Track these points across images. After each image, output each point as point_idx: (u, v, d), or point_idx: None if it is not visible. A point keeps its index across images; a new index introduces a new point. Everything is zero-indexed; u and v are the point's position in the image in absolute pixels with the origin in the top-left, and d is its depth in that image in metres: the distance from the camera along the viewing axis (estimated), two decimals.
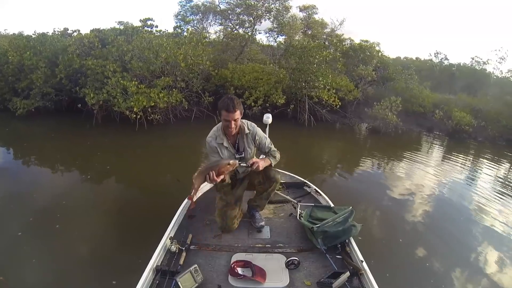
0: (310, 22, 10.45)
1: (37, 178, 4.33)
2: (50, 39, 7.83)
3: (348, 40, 10.67)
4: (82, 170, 4.63)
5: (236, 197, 2.18)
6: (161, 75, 6.77)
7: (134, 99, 5.99)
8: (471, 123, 9.83)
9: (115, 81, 6.23)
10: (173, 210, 2.27)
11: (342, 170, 5.37)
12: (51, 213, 3.19)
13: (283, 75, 7.97)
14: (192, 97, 7.58)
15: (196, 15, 9.66)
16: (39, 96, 7.23)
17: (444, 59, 15.13)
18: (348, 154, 6.74)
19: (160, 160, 5.26)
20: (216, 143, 2.04)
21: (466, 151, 8.41)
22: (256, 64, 8.60)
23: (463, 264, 2.78)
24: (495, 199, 4.49)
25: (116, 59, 6.97)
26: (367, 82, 10.30)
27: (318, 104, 8.21)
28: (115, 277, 2.23)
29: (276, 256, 1.90)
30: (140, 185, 4.18)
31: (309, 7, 10.36)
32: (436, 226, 3.49)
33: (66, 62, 7.15)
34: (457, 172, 5.88)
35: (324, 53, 7.21)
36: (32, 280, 2.25)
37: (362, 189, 4.51)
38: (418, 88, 10.40)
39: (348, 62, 10.88)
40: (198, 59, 6.81)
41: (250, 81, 7.57)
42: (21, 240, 2.71)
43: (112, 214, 3.32)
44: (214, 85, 8.07)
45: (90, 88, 6.55)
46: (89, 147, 5.66)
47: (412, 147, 7.93)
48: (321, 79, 7.06)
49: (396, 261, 2.72)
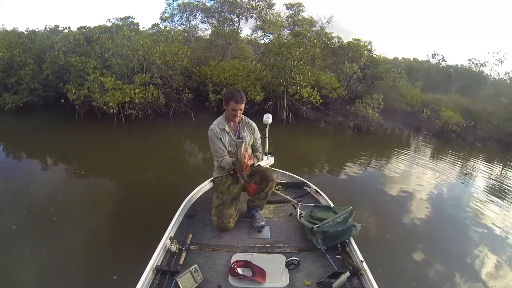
0: (296, 20, 10.47)
1: (23, 173, 4.37)
2: (40, 36, 8.13)
3: (336, 38, 10.61)
4: (68, 166, 4.70)
5: (232, 196, 2.22)
6: (140, 72, 6.97)
7: (110, 95, 6.20)
8: (460, 123, 9.67)
9: (94, 77, 6.46)
10: (173, 210, 2.27)
11: (316, 168, 5.41)
12: (46, 209, 3.19)
13: (265, 72, 8.05)
14: (173, 94, 7.75)
15: (184, 13, 9.82)
16: (27, 91, 7.55)
17: (442, 60, 15.19)
18: (326, 152, 6.77)
19: (145, 155, 5.36)
20: (219, 128, 2.22)
21: (456, 152, 8.31)
22: (238, 61, 8.70)
23: (463, 264, 2.80)
24: (490, 201, 4.53)
25: (99, 56, 7.22)
26: (352, 80, 10.25)
27: (299, 101, 8.25)
28: (113, 277, 2.25)
29: (276, 256, 1.90)
30: (139, 185, 4.17)
31: (296, 4, 10.39)
32: (436, 226, 3.50)
33: (52, 59, 7.42)
34: (451, 172, 5.92)
35: (302, 49, 7.23)
36: (30, 278, 2.28)
37: (339, 187, 4.49)
38: (406, 86, 10.27)
39: (338, 60, 10.86)
40: (175, 56, 6.96)
41: (228, 78, 7.69)
42: (16, 235, 2.74)
43: (110, 212, 3.28)
44: (196, 82, 8.22)
45: (72, 84, 6.83)
46: (72, 141, 5.86)
47: (399, 146, 7.88)
48: (297, 76, 7.09)
49: (396, 261, 2.73)
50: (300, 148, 6.72)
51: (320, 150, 6.86)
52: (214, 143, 2.21)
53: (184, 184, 4.10)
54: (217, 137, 2.20)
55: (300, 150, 6.54)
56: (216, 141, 2.20)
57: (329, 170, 5.50)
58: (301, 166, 5.31)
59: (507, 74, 13.63)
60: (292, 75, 7.18)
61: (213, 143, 2.22)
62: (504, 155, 8.59)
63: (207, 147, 2.41)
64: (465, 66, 14.64)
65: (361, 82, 11.43)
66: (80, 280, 2.28)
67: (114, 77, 6.65)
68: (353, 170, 5.38)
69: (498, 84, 13.22)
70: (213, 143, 2.22)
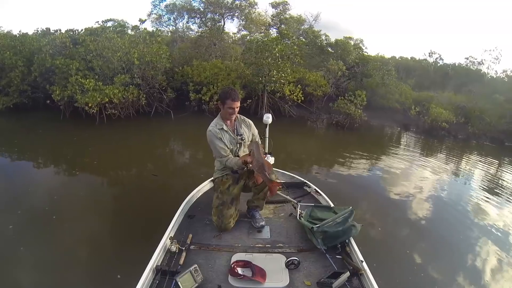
0: (282, 18, 10.47)
1: (16, 173, 4.39)
2: (29, 39, 8.42)
3: (324, 35, 10.57)
4: (60, 165, 4.76)
5: (232, 197, 2.23)
6: (122, 73, 7.14)
7: (89, 95, 6.40)
8: (449, 120, 9.48)
9: (75, 79, 6.68)
10: (173, 210, 2.27)
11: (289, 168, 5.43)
12: (42, 208, 3.20)
13: (248, 71, 8.10)
14: (156, 94, 7.90)
15: (172, 14, 9.99)
16: (17, 93, 7.84)
17: (439, 58, 15.08)
18: (307, 150, 6.72)
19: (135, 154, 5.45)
20: (217, 128, 2.21)
21: (446, 149, 8.24)
22: (220, 61, 8.79)
23: (463, 263, 2.81)
24: (492, 200, 4.52)
25: (84, 58, 7.44)
26: (343, 77, 10.19)
27: (282, 99, 8.27)
28: (115, 277, 2.26)
29: (276, 256, 1.90)
30: (138, 184, 4.19)
31: (282, 3, 10.39)
32: (436, 225, 3.50)
33: (40, 62, 7.68)
34: (444, 170, 5.94)
35: (279, 47, 7.25)
36: (30, 278, 2.30)
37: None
38: (395, 84, 10.14)
39: (326, 58, 10.82)
40: (154, 57, 7.11)
41: (209, 77, 7.78)
42: (12, 234, 2.75)
43: (109, 213, 3.28)
44: (179, 82, 8.36)
45: (57, 86, 7.06)
46: (60, 140, 6.05)
47: (385, 144, 7.90)
48: (275, 73, 7.12)
49: (396, 261, 2.73)
50: (279, 146, 6.74)
51: (301, 148, 6.85)
52: (215, 143, 2.19)
53: (171, 182, 4.24)
54: (217, 137, 2.18)
55: (279, 149, 6.57)
56: (217, 142, 2.18)
57: (306, 167, 5.49)
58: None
59: (505, 72, 13.51)
60: (270, 73, 7.21)
61: (214, 144, 2.19)
62: (497, 152, 8.40)
63: (187, 145, 2.39)
64: (463, 65, 14.55)
65: (351, 80, 11.36)
66: (80, 280, 2.27)
67: (96, 78, 6.85)
68: (335, 168, 5.39)
69: (496, 82, 13.05)
70: (214, 144, 2.20)
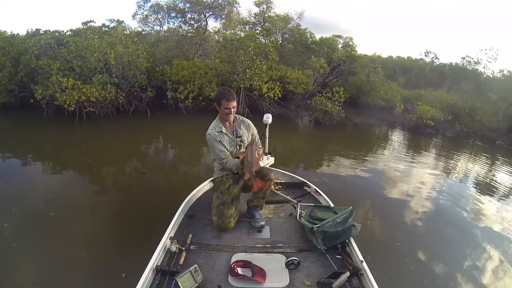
0: (266, 16, 10.48)
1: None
2: (18, 40, 8.75)
3: (308, 33, 10.52)
4: (51, 163, 4.82)
5: (233, 197, 2.24)
6: (101, 72, 7.35)
7: (68, 94, 6.63)
8: (436, 117, 9.30)
9: (55, 78, 6.93)
10: (173, 210, 2.28)
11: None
12: (37, 207, 3.21)
13: (225, 69, 8.19)
14: (136, 93, 8.08)
15: (157, 14, 10.17)
16: (5, 92, 8.17)
17: (435, 58, 15.12)
18: (293, 149, 6.70)
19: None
20: (216, 131, 2.21)
21: (431, 147, 8.08)
22: (200, 59, 8.90)
23: (463, 263, 2.82)
24: (493, 201, 4.54)
25: (66, 58, 7.69)
26: (322, 74, 10.13)
27: (260, 96, 8.32)
28: (115, 277, 2.26)
29: (276, 256, 1.90)
30: (136, 183, 4.21)
31: (265, 1, 10.40)
32: (435, 225, 3.52)
33: (26, 62, 7.99)
34: (445, 170, 5.97)
35: (253, 45, 7.29)
36: (29, 277, 2.30)
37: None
38: (381, 81, 9.99)
39: (311, 56, 10.77)
40: (131, 57, 7.28)
41: (186, 76, 7.90)
42: (6, 232, 2.76)
43: (108, 213, 3.27)
44: (160, 81, 8.52)
45: (40, 85, 7.32)
46: (41, 138, 6.25)
47: (365, 142, 7.85)
48: (248, 71, 7.17)
49: (396, 261, 2.74)
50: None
51: (286, 146, 6.83)
52: (215, 146, 2.19)
53: (168, 181, 4.32)
54: (216, 140, 2.19)
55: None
56: (216, 145, 2.19)
57: (293, 165, 5.46)
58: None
59: (502, 72, 13.34)
60: (244, 71, 7.26)
61: (214, 147, 2.20)
62: (488, 151, 8.23)
63: (164, 142, 2.38)
64: (459, 64, 14.41)
65: (338, 78, 11.28)
66: (80, 280, 2.28)
67: (76, 77, 7.07)
68: (306, 165, 5.44)
69: (492, 81, 12.84)
70: (213, 147, 2.20)
